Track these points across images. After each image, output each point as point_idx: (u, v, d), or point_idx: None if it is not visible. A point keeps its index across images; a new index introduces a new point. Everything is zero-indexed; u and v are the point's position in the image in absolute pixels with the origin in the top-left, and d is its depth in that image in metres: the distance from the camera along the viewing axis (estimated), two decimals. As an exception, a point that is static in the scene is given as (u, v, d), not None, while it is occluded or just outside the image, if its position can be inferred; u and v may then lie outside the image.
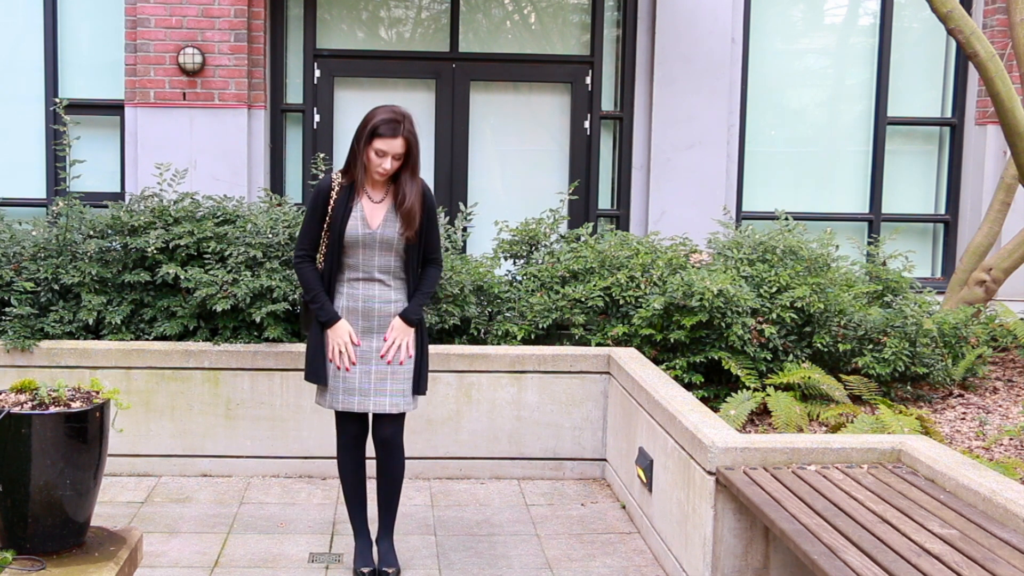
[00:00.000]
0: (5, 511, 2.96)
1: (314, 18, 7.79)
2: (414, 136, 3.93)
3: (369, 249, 3.95)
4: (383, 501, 4.13)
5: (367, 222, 3.93)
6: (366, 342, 3.98)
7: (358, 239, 3.92)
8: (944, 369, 5.47)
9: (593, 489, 5.28)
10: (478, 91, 7.92)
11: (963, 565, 2.84)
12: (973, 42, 5.84)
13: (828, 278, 5.53)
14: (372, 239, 3.93)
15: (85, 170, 6.24)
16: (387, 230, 3.94)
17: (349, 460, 4.10)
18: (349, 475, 4.11)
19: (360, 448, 4.11)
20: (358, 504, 4.15)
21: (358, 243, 3.93)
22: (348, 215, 3.92)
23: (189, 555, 4.31)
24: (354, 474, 4.11)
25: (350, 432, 4.08)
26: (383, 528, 4.17)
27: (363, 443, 4.12)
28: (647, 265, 5.63)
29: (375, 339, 3.98)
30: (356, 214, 3.93)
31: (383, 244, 3.95)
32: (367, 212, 3.94)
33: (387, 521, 4.16)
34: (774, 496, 3.44)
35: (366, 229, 3.92)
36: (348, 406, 3.98)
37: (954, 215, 8.33)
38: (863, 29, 8.32)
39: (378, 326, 3.98)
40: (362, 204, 3.95)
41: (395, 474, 4.10)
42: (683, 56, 7.72)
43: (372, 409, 3.98)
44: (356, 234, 3.91)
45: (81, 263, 5.35)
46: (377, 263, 3.97)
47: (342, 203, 3.93)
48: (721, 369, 5.29)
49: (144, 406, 5.27)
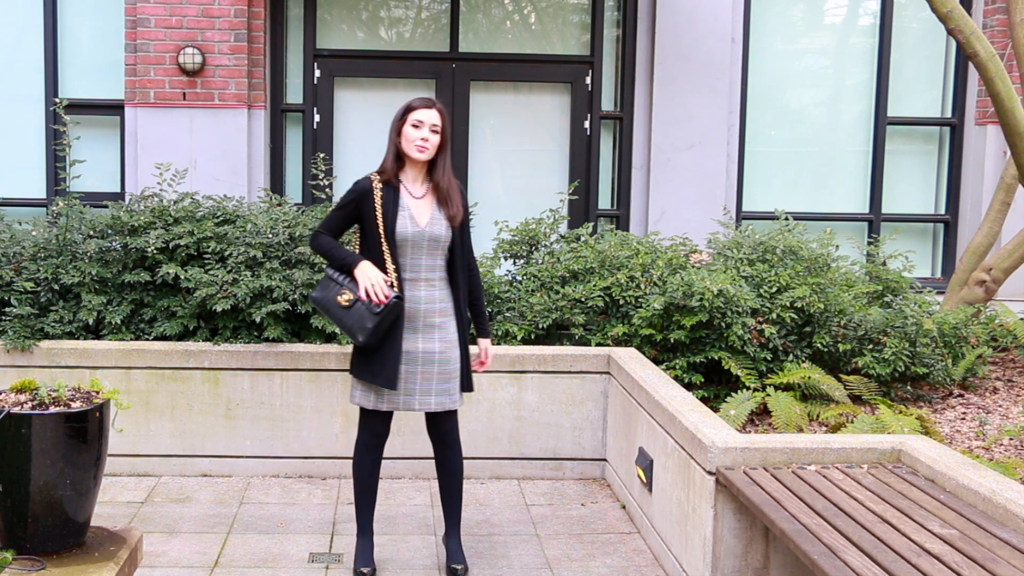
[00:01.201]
0: (5, 511, 2.96)
1: (314, 18, 7.79)
2: (447, 114, 4.04)
3: (417, 248, 3.95)
4: (448, 497, 4.17)
5: (415, 220, 3.95)
6: (411, 343, 3.96)
7: (407, 238, 3.93)
8: (944, 369, 5.47)
9: (593, 489, 5.28)
10: (478, 91, 7.92)
11: (963, 565, 2.84)
12: (973, 42, 5.84)
13: (828, 278, 5.54)
14: (421, 237, 3.94)
15: (85, 170, 6.25)
16: (435, 227, 3.96)
17: (369, 460, 4.10)
18: (365, 475, 4.11)
19: (381, 449, 4.12)
20: (368, 504, 4.15)
21: (407, 242, 3.93)
22: (396, 213, 3.93)
23: (189, 555, 4.31)
24: (370, 474, 4.12)
25: (376, 432, 4.08)
26: (452, 525, 4.19)
27: (384, 445, 4.13)
28: (647, 265, 5.63)
29: (420, 340, 3.97)
30: (404, 212, 3.94)
31: (431, 242, 3.96)
32: (413, 210, 3.96)
33: (455, 518, 4.19)
34: (774, 496, 3.44)
35: (415, 227, 3.94)
36: (392, 405, 4.00)
37: (954, 215, 8.32)
38: (863, 29, 8.32)
39: (423, 327, 3.98)
40: (406, 202, 3.96)
41: (456, 469, 4.14)
42: (683, 56, 7.72)
43: (417, 408, 4.01)
44: (406, 232, 3.92)
45: (81, 263, 5.35)
46: (424, 263, 3.98)
47: (389, 200, 3.93)
48: (721, 369, 5.29)
49: (144, 406, 5.27)
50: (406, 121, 3.95)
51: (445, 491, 4.19)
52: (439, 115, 3.97)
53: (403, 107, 4.00)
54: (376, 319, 3.82)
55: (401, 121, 3.96)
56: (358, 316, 3.85)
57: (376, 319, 3.82)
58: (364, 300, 3.83)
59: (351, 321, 3.87)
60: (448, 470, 4.15)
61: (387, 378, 3.92)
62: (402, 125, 3.95)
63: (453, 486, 4.17)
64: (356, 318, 3.85)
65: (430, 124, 3.94)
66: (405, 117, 3.95)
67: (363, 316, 3.84)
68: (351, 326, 3.88)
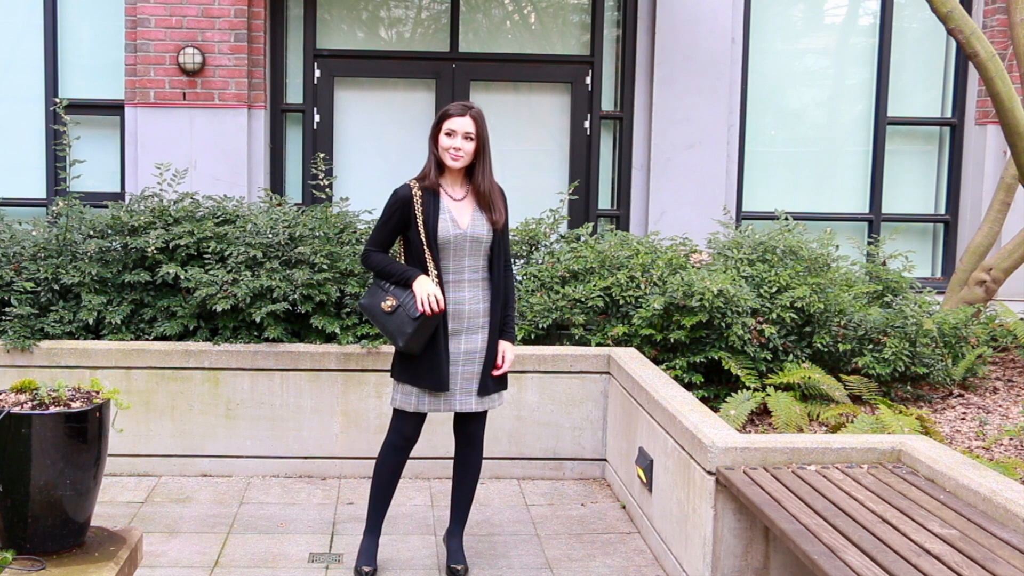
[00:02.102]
0: (5, 511, 2.96)
1: (314, 18, 7.79)
2: (483, 119, 4.01)
3: (459, 250, 3.97)
4: (460, 497, 4.20)
5: (456, 222, 3.96)
6: (454, 344, 3.99)
7: (449, 240, 3.94)
8: (944, 369, 5.47)
9: (593, 489, 5.28)
10: (478, 91, 7.92)
11: (963, 565, 2.84)
12: (973, 42, 5.84)
13: (828, 278, 5.53)
14: (463, 239, 3.96)
15: (85, 170, 6.25)
16: (476, 229, 3.98)
17: (394, 461, 4.10)
18: (387, 475, 4.11)
19: (408, 451, 4.12)
20: (383, 504, 4.15)
21: (449, 244, 3.95)
22: (438, 216, 3.95)
23: (189, 555, 4.31)
24: (392, 475, 4.12)
25: (406, 434, 4.08)
26: (457, 525, 4.22)
27: (412, 447, 4.14)
28: (647, 265, 5.63)
29: (463, 341, 4.00)
30: (445, 215, 3.96)
31: (473, 244, 3.98)
32: (454, 212, 3.97)
33: (462, 518, 4.22)
34: (774, 496, 3.44)
35: (457, 229, 3.95)
36: (434, 408, 4.02)
37: (954, 215, 8.33)
38: (863, 29, 8.32)
39: (467, 328, 4.00)
40: (446, 205, 3.98)
41: (475, 470, 4.18)
42: (683, 56, 7.72)
43: (458, 409, 4.03)
44: (448, 235, 3.94)
45: (81, 263, 5.35)
46: (467, 264, 4.00)
47: (430, 204, 3.95)
48: (721, 369, 5.29)
49: (144, 406, 5.27)
50: (441, 129, 3.97)
51: (458, 490, 4.20)
52: (473, 122, 3.95)
53: (440, 113, 4.00)
54: (415, 324, 3.88)
55: (437, 128, 3.99)
56: (399, 322, 3.92)
57: (415, 324, 3.88)
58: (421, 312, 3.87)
59: (392, 326, 3.94)
60: (467, 470, 4.18)
61: (438, 380, 3.95)
62: (437, 132, 3.98)
63: (468, 486, 4.19)
64: (397, 323, 3.92)
65: (463, 132, 3.94)
66: (440, 125, 3.98)
67: (404, 322, 3.91)
68: (392, 331, 3.94)
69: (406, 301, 3.90)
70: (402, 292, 3.93)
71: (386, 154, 7.92)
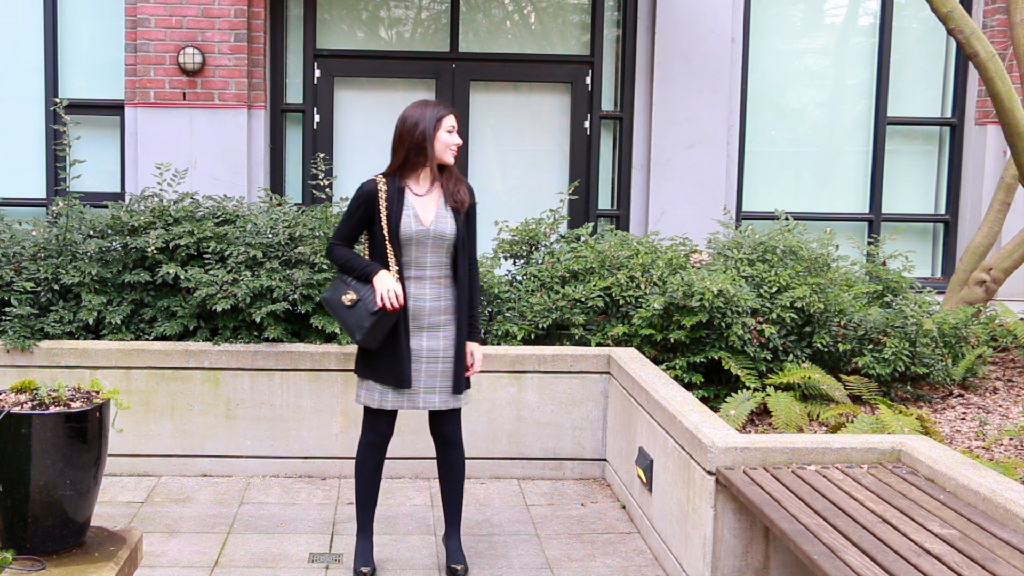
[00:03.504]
0: (5, 511, 2.96)
1: (314, 18, 7.79)
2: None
3: (422, 246, 3.99)
4: (449, 498, 4.20)
5: (420, 219, 3.98)
6: (415, 341, 4.00)
7: (412, 236, 3.97)
8: (944, 369, 5.47)
9: (593, 489, 5.28)
10: (478, 91, 7.92)
11: (963, 565, 2.84)
12: (973, 42, 5.84)
13: (828, 278, 5.53)
14: (426, 235, 3.98)
15: (85, 170, 6.25)
16: (440, 226, 4.00)
17: (372, 460, 4.12)
18: (368, 474, 4.13)
19: (384, 448, 4.14)
20: (370, 503, 4.16)
21: (412, 240, 3.97)
22: (401, 212, 3.97)
23: (189, 555, 4.31)
24: (373, 474, 4.13)
25: (379, 431, 4.10)
26: (452, 526, 4.21)
27: (387, 444, 4.15)
28: (647, 265, 5.63)
29: (425, 338, 4.01)
30: (408, 211, 3.98)
31: (436, 240, 4.00)
32: (418, 209, 4.00)
33: (455, 518, 4.21)
34: (774, 496, 3.44)
35: (420, 226, 3.97)
36: (398, 404, 4.02)
37: (954, 215, 8.33)
38: (863, 29, 8.32)
39: (428, 325, 4.01)
40: (411, 201, 4.00)
41: (458, 469, 4.17)
42: (683, 56, 7.72)
43: (422, 406, 4.03)
44: (410, 231, 3.96)
45: (81, 263, 5.35)
46: (429, 260, 4.01)
47: (394, 199, 3.98)
48: (721, 369, 5.29)
49: (144, 406, 5.27)
50: (441, 127, 4.03)
51: (446, 491, 4.20)
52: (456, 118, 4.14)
53: (435, 114, 4.03)
54: (373, 319, 3.91)
55: (436, 127, 4.02)
56: (358, 316, 3.95)
57: (373, 319, 3.91)
58: (379, 307, 3.90)
59: (352, 320, 3.97)
60: (450, 470, 4.17)
61: (400, 377, 3.97)
62: (437, 131, 4.02)
63: (455, 486, 4.19)
64: (356, 318, 3.96)
65: (456, 128, 4.11)
66: (440, 123, 4.03)
67: (362, 316, 3.94)
68: (351, 325, 3.98)
69: (366, 296, 3.93)
70: (363, 287, 3.96)
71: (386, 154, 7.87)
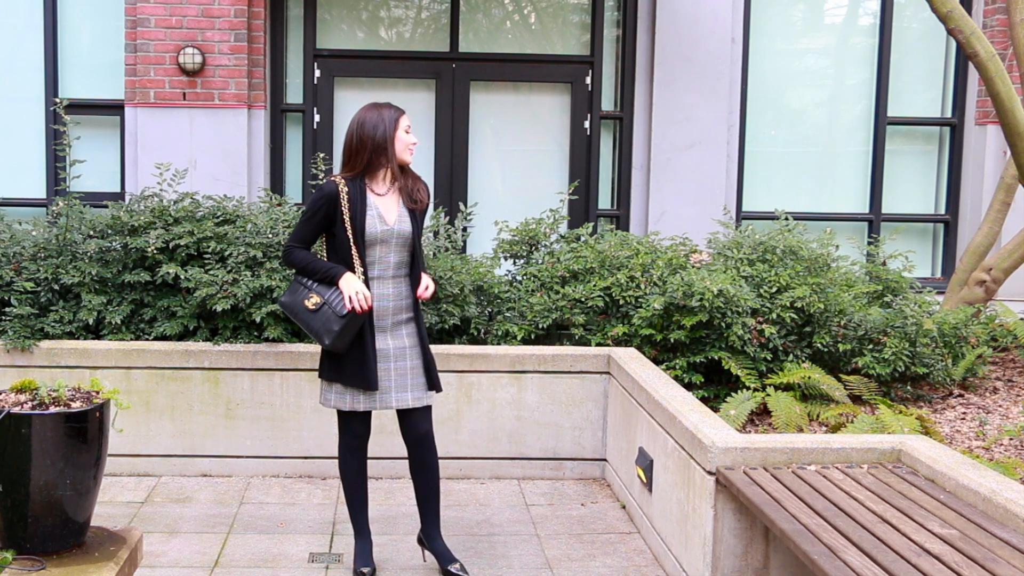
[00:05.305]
0: (5, 511, 2.96)
1: (314, 18, 7.79)
2: None
3: (386, 246, 3.98)
4: (426, 499, 4.11)
5: (383, 219, 3.97)
6: (383, 341, 3.98)
7: (376, 236, 3.95)
8: (944, 369, 5.47)
9: (593, 489, 5.28)
10: (478, 91, 7.92)
11: (963, 565, 2.84)
12: (973, 42, 5.84)
13: (828, 278, 5.53)
14: (390, 235, 3.97)
15: (85, 170, 6.24)
16: (403, 225, 4.00)
17: (354, 462, 4.10)
18: (353, 476, 4.11)
19: (364, 449, 4.12)
20: (360, 505, 4.15)
21: (376, 240, 3.96)
22: (365, 213, 3.95)
23: (189, 555, 4.31)
24: (357, 475, 4.12)
25: (356, 433, 4.08)
26: (432, 527, 4.14)
27: (367, 444, 4.13)
28: (647, 265, 5.63)
29: (390, 338, 3.99)
30: (372, 211, 3.97)
31: (399, 239, 3.99)
32: (381, 209, 3.99)
33: (434, 519, 4.15)
34: (774, 496, 3.44)
35: (384, 226, 3.96)
36: (369, 405, 3.99)
37: (954, 215, 8.33)
38: (863, 29, 8.32)
39: (392, 324, 4.00)
40: (373, 201, 3.99)
41: (434, 470, 4.10)
42: (683, 56, 7.72)
43: (394, 405, 4.00)
44: (375, 231, 3.95)
45: (81, 263, 5.35)
46: (393, 260, 4.01)
47: (357, 200, 3.95)
48: (721, 369, 5.29)
49: (144, 406, 5.27)
50: (399, 127, 4.01)
51: (424, 494, 4.11)
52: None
53: (393, 115, 4.00)
54: (342, 322, 3.87)
55: (395, 128, 4.00)
56: (324, 319, 3.89)
57: (342, 322, 3.87)
58: (348, 310, 3.86)
59: (318, 324, 3.91)
60: (426, 472, 4.09)
61: (367, 380, 3.93)
62: (396, 131, 4.00)
63: (432, 488, 4.11)
64: (323, 321, 3.90)
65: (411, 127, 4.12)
66: (397, 123, 4.01)
67: (329, 319, 3.88)
68: (318, 329, 3.91)
69: (331, 298, 3.89)
70: (327, 289, 3.92)
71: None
